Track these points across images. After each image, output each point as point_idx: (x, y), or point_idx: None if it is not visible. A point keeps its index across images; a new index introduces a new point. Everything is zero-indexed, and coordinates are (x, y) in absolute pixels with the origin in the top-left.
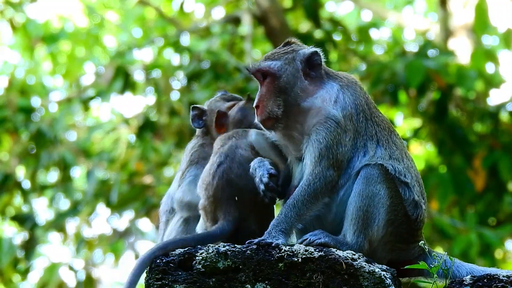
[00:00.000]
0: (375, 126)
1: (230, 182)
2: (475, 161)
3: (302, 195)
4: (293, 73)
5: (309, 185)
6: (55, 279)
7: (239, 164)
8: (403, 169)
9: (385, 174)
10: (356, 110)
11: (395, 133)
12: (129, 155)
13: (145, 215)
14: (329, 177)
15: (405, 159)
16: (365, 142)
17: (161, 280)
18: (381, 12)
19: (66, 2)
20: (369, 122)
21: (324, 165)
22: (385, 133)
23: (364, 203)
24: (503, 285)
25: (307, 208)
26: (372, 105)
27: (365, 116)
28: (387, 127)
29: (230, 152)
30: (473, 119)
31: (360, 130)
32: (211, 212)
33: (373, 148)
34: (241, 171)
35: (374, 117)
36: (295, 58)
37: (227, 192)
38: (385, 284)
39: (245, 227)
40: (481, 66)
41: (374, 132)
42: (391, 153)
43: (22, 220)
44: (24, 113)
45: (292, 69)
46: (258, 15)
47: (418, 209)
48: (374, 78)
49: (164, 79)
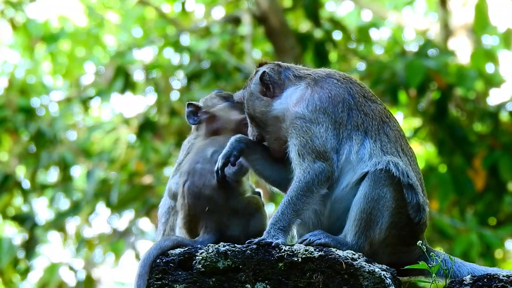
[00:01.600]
0: (362, 116)
1: (196, 195)
2: (475, 161)
3: (296, 191)
4: (249, 98)
5: (300, 180)
6: (55, 279)
7: (199, 175)
8: (405, 167)
9: (392, 176)
10: (331, 102)
11: (389, 124)
12: (129, 155)
13: (145, 215)
14: (318, 168)
15: (401, 154)
16: (350, 133)
17: (161, 280)
18: (381, 12)
19: (66, 2)
20: (353, 112)
21: (309, 160)
22: (375, 123)
23: (369, 206)
24: (503, 285)
25: (303, 203)
26: (360, 95)
27: (348, 106)
28: (379, 117)
29: (191, 168)
30: (473, 119)
31: (340, 120)
32: (191, 230)
33: (359, 139)
34: (204, 181)
35: (362, 106)
36: (250, 84)
37: (198, 206)
38: (385, 283)
39: (230, 235)
40: (481, 66)
41: (361, 122)
42: (382, 146)
43: (22, 220)
44: (24, 113)
45: (248, 95)
46: (258, 15)
47: (421, 212)
48: (374, 78)
49: (164, 79)
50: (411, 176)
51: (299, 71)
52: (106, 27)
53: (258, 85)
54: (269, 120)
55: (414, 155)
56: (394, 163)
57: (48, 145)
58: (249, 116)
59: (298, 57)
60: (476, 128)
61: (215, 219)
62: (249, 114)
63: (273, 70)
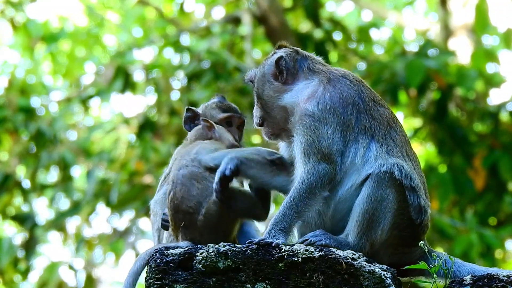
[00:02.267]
0: (370, 120)
1: (176, 208)
2: (475, 161)
3: (298, 192)
4: (261, 78)
5: (303, 181)
6: (55, 279)
7: (181, 185)
8: (409, 170)
9: (395, 178)
10: (341, 103)
11: (396, 129)
12: (129, 155)
13: (145, 214)
14: (323, 170)
15: (406, 158)
16: (356, 136)
17: (161, 280)
18: (381, 12)
19: (66, 2)
20: (361, 116)
21: (314, 161)
22: (382, 128)
23: (371, 207)
24: (503, 285)
25: (305, 205)
26: (370, 99)
27: (357, 109)
28: (386, 122)
29: (175, 176)
30: (473, 119)
31: (349, 123)
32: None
33: (366, 143)
34: (184, 192)
35: (370, 110)
36: (264, 64)
37: (178, 218)
38: (385, 284)
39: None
40: (481, 66)
41: (369, 126)
42: (388, 150)
43: (22, 220)
44: (24, 113)
45: (260, 75)
46: (258, 15)
47: (423, 214)
48: (374, 78)
49: (164, 79)
50: (414, 179)
51: (315, 65)
52: (106, 27)
53: (272, 67)
54: (275, 108)
55: (417, 159)
56: (399, 165)
57: (48, 145)
58: (257, 96)
59: None
60: (476, 128)
61: (189, 233)
62: (256, 94)
63: (290, 57)
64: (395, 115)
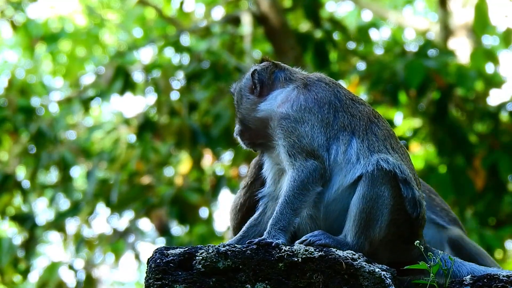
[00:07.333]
0: (348, 117)
1: None
2: (475, 161)
3: (292, 190)
4: (238, 92)
5: (295, 179)
6: (55, 279)
7: None
8: (396, 161)
9: (387, 173)
10: (316, 103)
11: (378, 124)
12: (129, 155)
13: (145, 215)
14: (311, 166)
15: (391, 151)
16: (336, 133)
17: (161, 280)
18: (381, 12)
19: (66, 2)
20: (339, 114)
21: (301, 159)
22: (362, 124)
23: (368, 205)
24: (503, 285)
25: (300, 201)
26: (347, 98)
27: (334, 108)
28: (367, 117)
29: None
30: (473, 119)
31: (327, 121)
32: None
33: (346, 139)
34: None
35: (348, 108)
36: (242, 79)
37: None
38: (385, 284)
39: None
40: (481, 66)
41: (348, 122)
42: (370, 145)
43: (22, 220)
44: (24, 113)
45: (238, 89)
46: (258, 15)
47: (418, 207)
48: (374, 78)
49: (164, 79)
50: (403, 170)
51: (294, 74)
52: (106, 27)
53: (249, 81)
54: (252, 120)
55: (406, 152)
56: (383, 159)
57: (48, 145)
58: (236, 109)
59: (298, 57)
60: (476, 128)
61: None
62: (236, 107)
63: (266, 70)
64: (377, 112)
